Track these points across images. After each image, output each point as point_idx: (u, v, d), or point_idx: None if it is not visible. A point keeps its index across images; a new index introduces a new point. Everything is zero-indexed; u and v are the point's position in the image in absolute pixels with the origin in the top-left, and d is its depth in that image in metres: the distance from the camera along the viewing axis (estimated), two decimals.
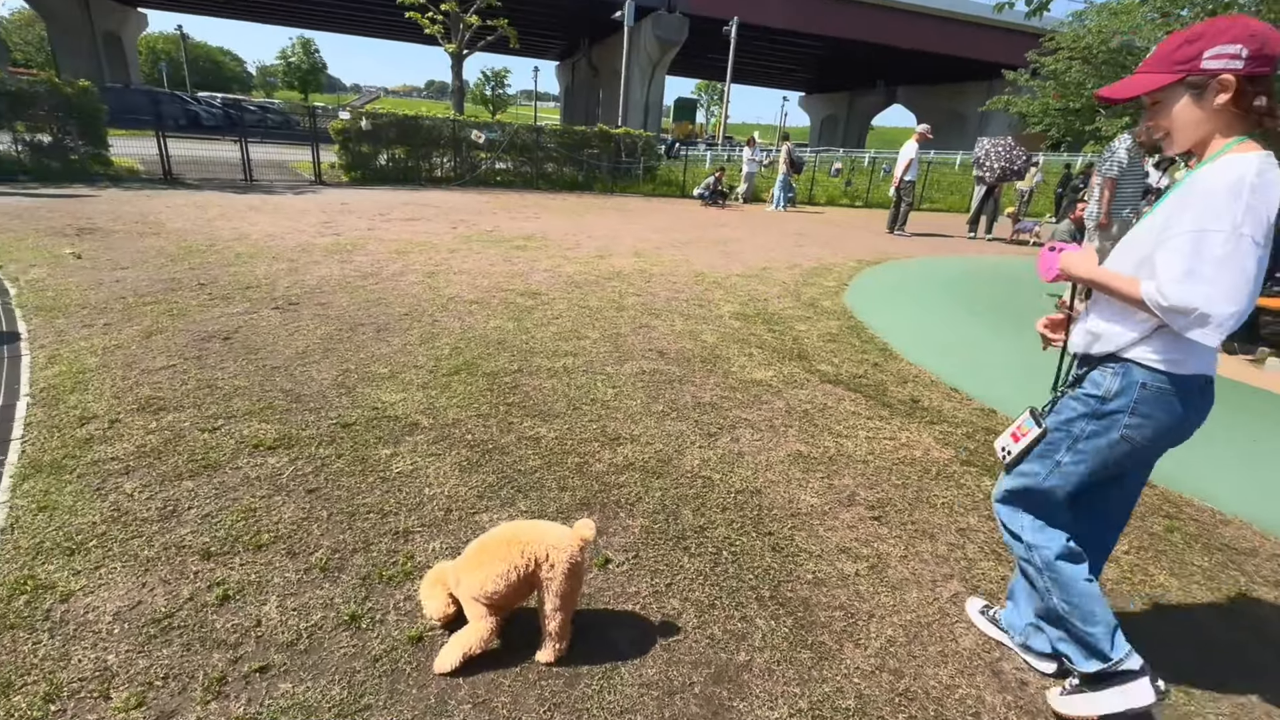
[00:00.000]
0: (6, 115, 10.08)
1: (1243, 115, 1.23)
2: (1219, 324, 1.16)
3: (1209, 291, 1.15)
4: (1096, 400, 1.42)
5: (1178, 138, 1.32)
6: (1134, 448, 1.39)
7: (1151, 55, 1.32)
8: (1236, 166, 1.19)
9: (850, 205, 17.63)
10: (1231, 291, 1.15)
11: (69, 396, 2.95)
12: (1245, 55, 1.19)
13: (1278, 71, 1.21)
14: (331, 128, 13.33)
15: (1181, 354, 1.30)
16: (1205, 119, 1.26)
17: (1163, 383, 1.32)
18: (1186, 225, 1.20)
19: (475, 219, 9.39)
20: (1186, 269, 1.18)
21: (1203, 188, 1.21)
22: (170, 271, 5.20)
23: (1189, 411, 1.34)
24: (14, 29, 57.87)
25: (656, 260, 7.04)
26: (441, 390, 3.26)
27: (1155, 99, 1.33)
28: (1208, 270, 1.16)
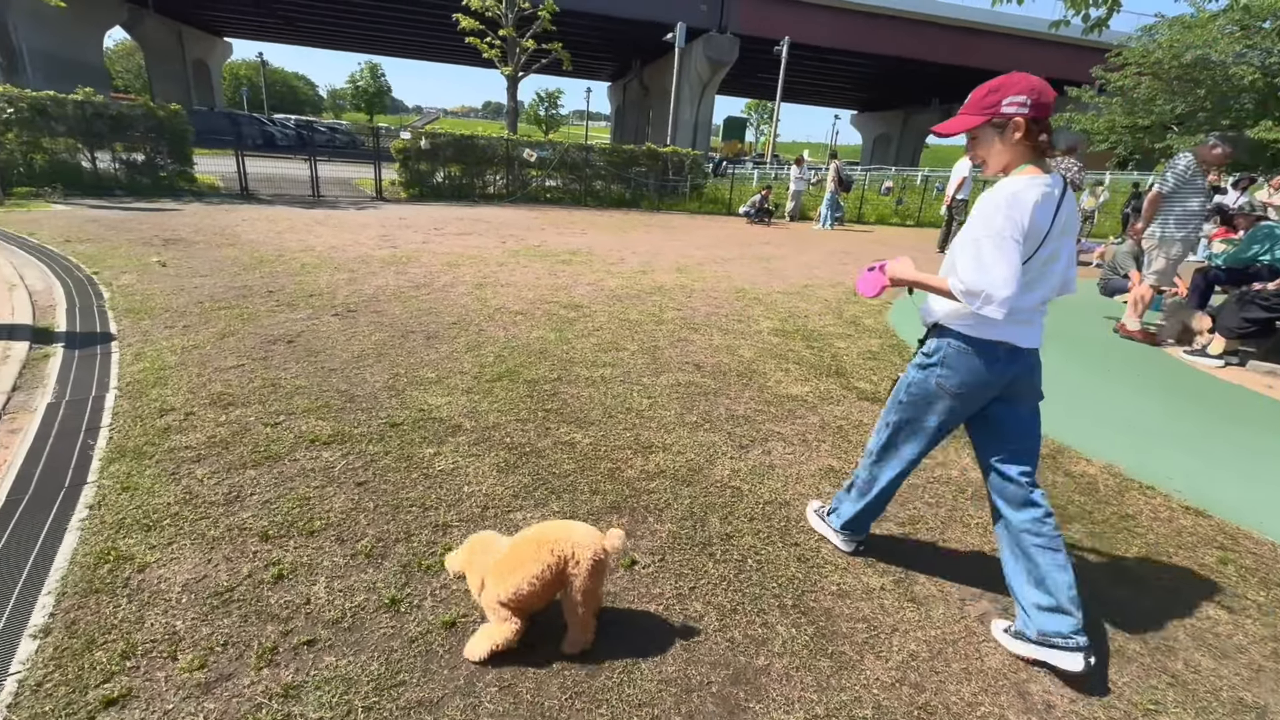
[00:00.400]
0: (108, 136, 11.06)
1: (1031, 147, 1.62)
2: (999, 303, 1.53)
3: (989, 280, 1.53)
4: (925, 357, 1.84)
5: (990, 163, 1.69)
6: (946, 394, 1.79)
7: (967, 101, 1.67)
8: (1006, 187, 1.58)
9: (901, 224, 17.32)
10: (1002, 280, 1.52)
11: (151, 390, 3.23)
12: (1029, 103, 1.57)
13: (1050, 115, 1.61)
14: (393, 147, 14.04)
15: (978, 324, 1.69)
16: (1006, 150, 1.64)
17: (963, 345, 1.73)
18: (971, 233, 1.60)
19: (524, 234, 9.70)
20: (973, 266, 1.56)
21: (982, 204, 1.60)
22: (242, 279, 5.59)
23: (990, 369, 1.72)
24: (117, 58, 63.38)
25: (698, 275, 7.11)
26: (484, 395, 3.40)
27: (973, 135, 1.69)
28: (987, 266, 1.54)
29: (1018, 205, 1.55)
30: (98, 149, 11.08)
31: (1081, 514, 2.60)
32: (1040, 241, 1.60)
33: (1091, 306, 6.85)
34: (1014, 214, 1.54)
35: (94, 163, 10.87)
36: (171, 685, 1.53)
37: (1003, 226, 1.55)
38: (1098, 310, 6.68)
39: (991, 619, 1.94)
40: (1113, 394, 4.15)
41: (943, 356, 1.77)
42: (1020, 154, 1.63)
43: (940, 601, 2.01)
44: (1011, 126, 1.60)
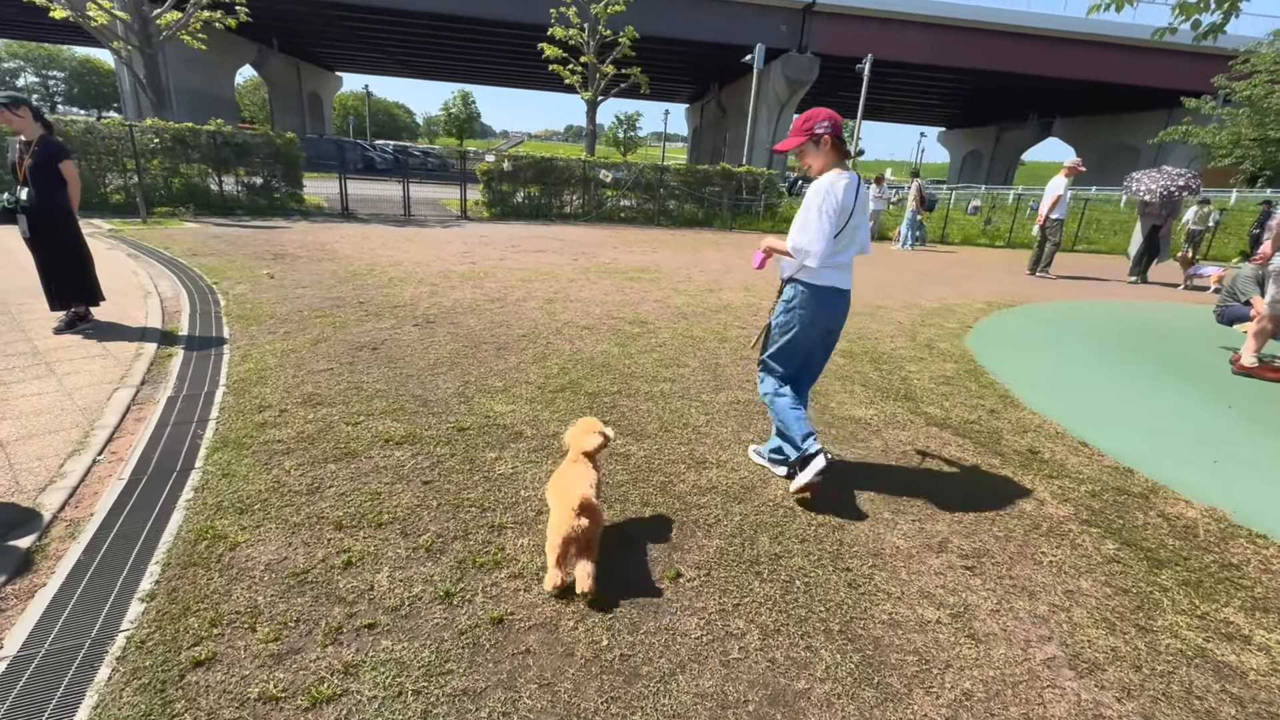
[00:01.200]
0: (233, 162, 12.36)
1: (835, 155, 2.41)
2: (815, 256, 2.34)
3: (808, 239, 2.34)
4: (786, 303, 2.57)
5: (814, 168, 2.46)
6: (803, 325, 2.52)
7: (792, 127, 2.45)
8: (824, 180, 2.37)
9: (989, 245, 16.42)
10: (816, 241, 2.32)
11: (252, 389, 3.57)
12: (830, 125, 2.38)
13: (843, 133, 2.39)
14: (478, 169, 14.84)
15: (814, 275, 2.44)
16: (821, 156, 2.43)
17: (806, 290, 2.49)
18: (802, 210, 2.39)
19: (596, 251, 9.97)
20: (800, 232, 2.38)
21: (810, 192, 2.40)
22: (337, 291, 6.07)
23: (824, 305, 2.49)
24: (245, 93, 70.85)
25: (768, 294, 7.05)
26: (546, 405, 3.53)
27: (801, 150, 2.47)
28: (809, 232, 2.34)
29: (832, 192, 2.34)
30: (224, 173, 12.40)
31: (1175, 559, 2.37)
32: (848, 216, 2.39)
33: (1209, 334, 6.23)
34: (830, 198, 2.34)
35: (220, 185, 12.16)
36: (249, 654, 1.69)
37: (821, 205, 2.34)
38: (1215, 339, 6.06)
39: (1059, 667, 1.81)
40: (1221, 430, 3.75)
41: (799, 299, 2.52)
42: (830, 159, 2.43)
43: (1002, 641, 1.89)
44: (822, 142, 2.41)
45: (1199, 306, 8.06)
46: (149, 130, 11.39)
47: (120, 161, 11.28)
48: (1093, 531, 2.52)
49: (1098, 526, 2.55)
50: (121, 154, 11.22)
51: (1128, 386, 4.49)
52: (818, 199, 2.34)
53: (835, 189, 2.34)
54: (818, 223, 2.32)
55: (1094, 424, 3.62)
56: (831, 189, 2.34)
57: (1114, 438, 3.42)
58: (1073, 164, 9.24)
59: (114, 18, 11.92)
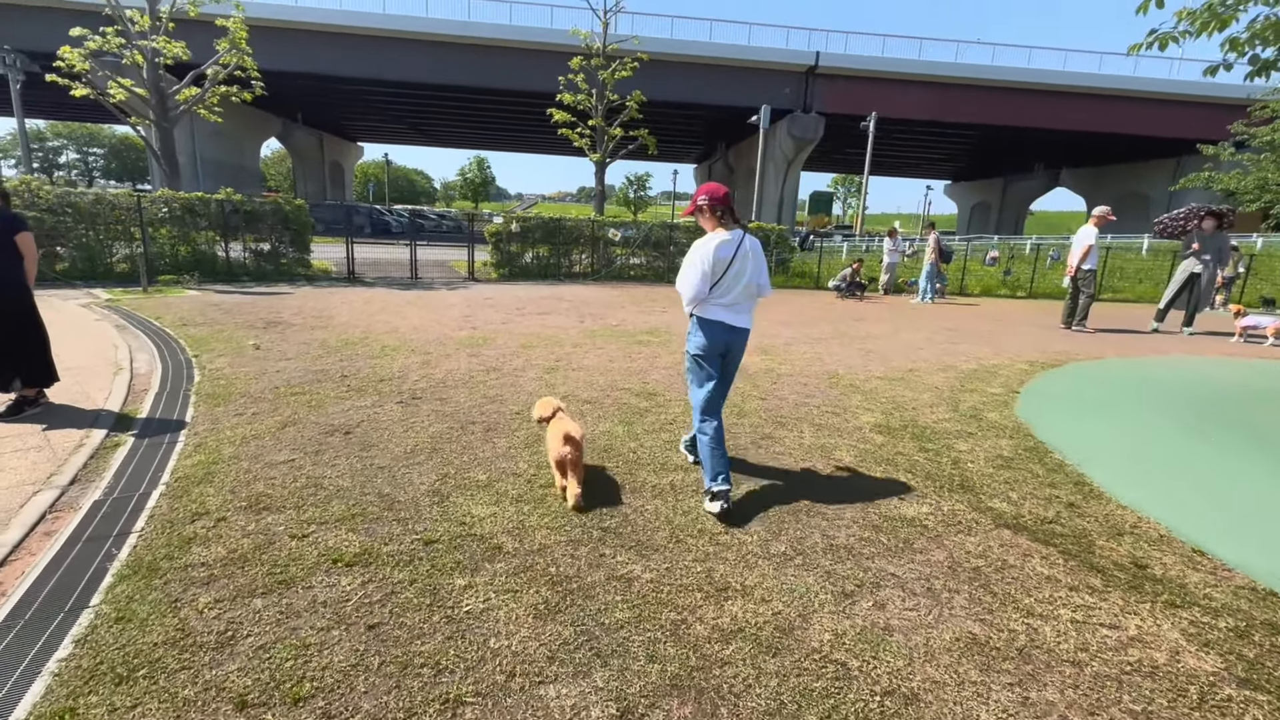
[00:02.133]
0: (242, 229, 12.35)
1: (717, 218, 2.99)
2: (688, 300, 3.01)
3: (683, 286, 3.00)
4: (689, 333, 3.12)
5: (707, 229, 3.04)
6: (700, 350, 3.05)
7: (691, 199, 3.08)
8: (702, 240, 2.97)
9: (1010, 296, 15.91)
10: (689, 287, 2.97)
11: (195, 489, 3.05)
12: (707, 198, 2.96)
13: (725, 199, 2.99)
14: (487, 231, 14.78)
15: (701, 311, 3.02)
16: (708, 221, 3.02)
17: (697, 323, 3.05)
18: (685, 261, 3.00)
19: (604, 312, 9.58)
20: (682, 279, 3.01)
21: (691, 248, 2.98)
22: (323, 363, 5.65)
23: (712, 335, 3.01)
24: (272, 163, 74.10)
25: (785, 358, 6.52)
26: (535, 505, 2.96)
27: (698, 217, 3.06)
28: (686, 279, 2.97)
29: (706, 249, 2.89)
30: (233, 240, 12.38)
31: None
32: (725, 266, 2.89)
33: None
34: (703, 253, 2.89)
35: (227, 253, 12.09)
36: None
37: (695, 262, 2.91)
38: None
39: None
40: None
41: (692, 329, 3.07)
42: (713, 223, 2.99)
43: None
44: (703, 210, 2.98)
45: (1270, 362, 7.39)
46: (159, 200, 11.44)
47: (128, 231, 11.27)
48: (1263, 700, 1.85)
49: (1267, 690, 1.89)
50: (130, 223, 11.23)
51: (1226, 467, 3.81)
52: (693, 255, 2.96)
53: (707, 247, 2.92)
54: (691, 274, 2.96)
55: (1203, 522, 2.97)
56: (704, 247, 2.93)
57: (1236, 543, 2.76)
58: (1102, 213, 8.79)
59: (132, 94, 12.22)
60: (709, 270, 2.87)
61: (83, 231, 10.91)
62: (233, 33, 12.63)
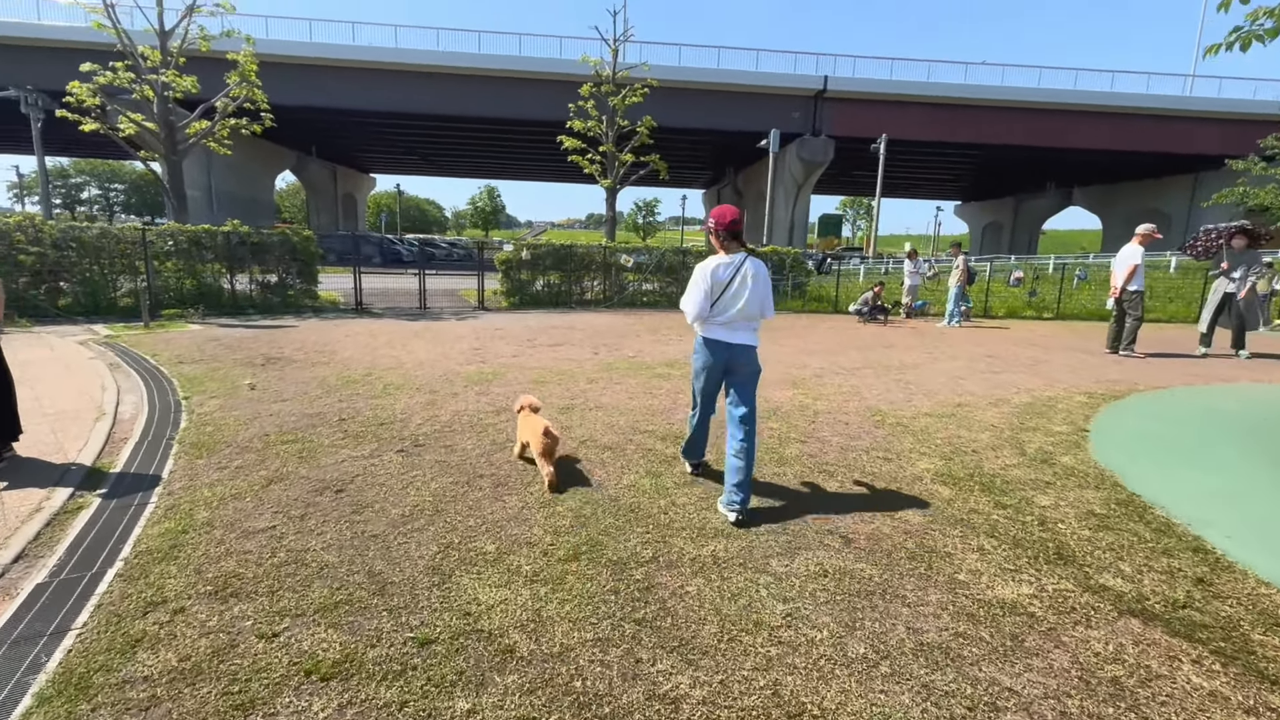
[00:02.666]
0: (249, 261, 12.13)
1: (723, 242, 3.20)
2: (691, 317, 3.21)
3: (686, 305, 3.23)
4: (695, 350, 3.37)
5: (716, 249, 3.27)
6: (703, 367, 3.29)
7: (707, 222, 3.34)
8: (705, 263, 3.18)
9: (1036, 318, 15.35)
10: (691, 306, 3.19)
11: (155, 567, 2.61)
12: (714, 222, 3.20)
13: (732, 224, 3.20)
14: (497, 259, 14.50)
15: (703, 330, 3.23)
16: (716, 243, 3.25)
17: (700, 341, 3.28)
18: (689, 283, 3.20)
19: (619, 342, 9.14)
20: (684, 299, 3.25)
21: (696, 269, 3.20)
22: (321, 404, 5.23)
23: (713, 352, 3.21)
24: (286, 196, 75.44)
25: (819, 392, 6.02)
26: (553, 587, 2.48)
27: (709, 236, 3.33)
28: (689, 298, 3.19)
29: (707, 270, 3.15)
30: (239, 272, 12.15)
31: None
32: (724, 287, 3.13)
33: None
34: (704, 274, 3.15)
35: (232, 285, 11.84)
36: None
37: (697, 282, 3.17)
38: None
39: None
40: None
41: (697, 346, 3.34)
42: (720, 245, 3.24)
43: None
44: (712, 232, 3.26)
45: None
46: (165, 233, 11.25)
47: (133, 265, 11.06)
48: None
49: None
50: (135, 257, 11.02)
51: None
52: (695, 276, 3.18)
53: (708, 268, 3.13)
54: (693, 293, 3.16)
55: None
56: (705, 268, 3.15)
57: None
58: (1146, 230, 8.29)
59: (142, 128, 12.15)
60: (709, 290, 3.13)
61: (87, 266, 10.71)
62: (243, 65, 12.60)
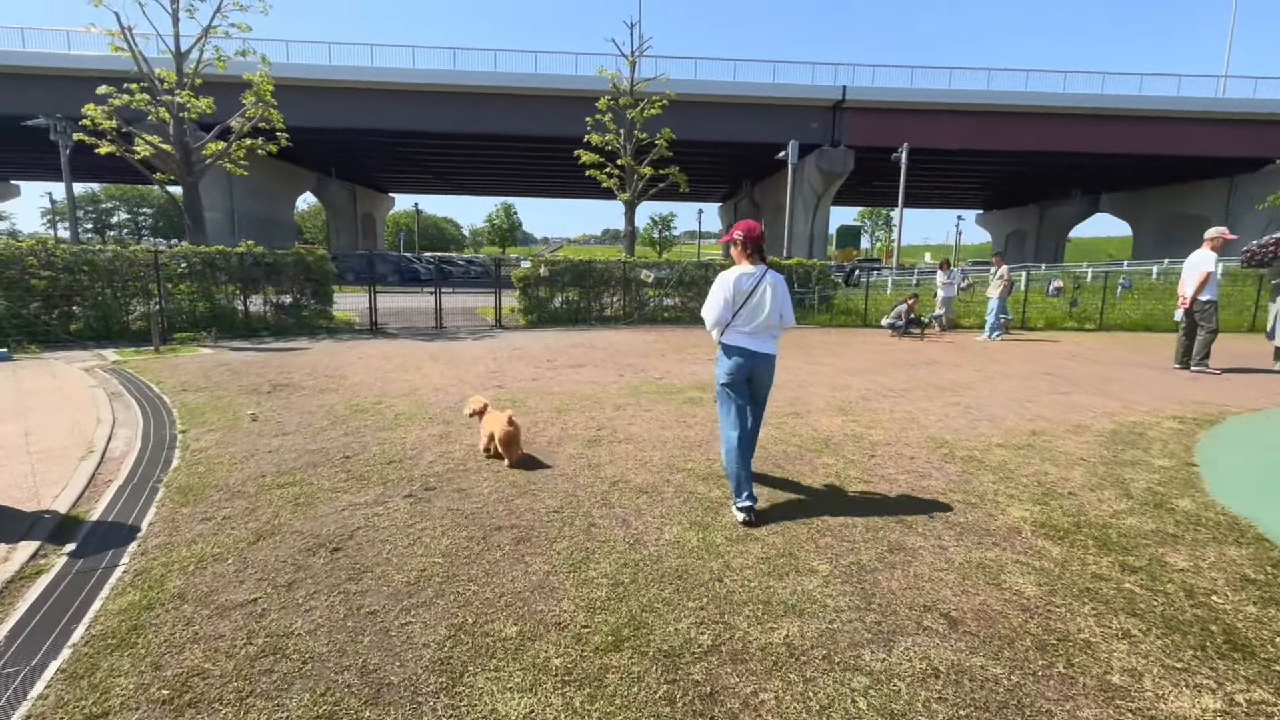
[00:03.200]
0: (263, 282, 11.89)
1: (748, 254, 3.34)
2: (711, 325, 3.36)
3: (706, 314, 3.37)
4: (717, 359, 3.47)
5: (737, 260, 3.38)
6: (726, 375, 3.35)
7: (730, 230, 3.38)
8: (727, 273, 3.34)
9: (1078, 329, 14.58)
10: (711, 315, 3.33)
11: (107, 660, 2.14)
12: (742, 234, 3.34)
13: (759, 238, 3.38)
14: (514, 276, 14.14)
15: (725, 338, 3.34)
16: (738, 255, 3.38)
17: (722, 348, 3.37)
18: (710, 293, 3.34)
19: (644, 362, 8.64)
20: (705, 309, 3.38)
21: (717, 279, 3.35)
22: (326, 438, 4.79)
23: (731, 359, 3.32)
24: (309, 216, 76.70)
25: (871, 419, 5.44)
26: (592, 691, 1.96)
27: (731, 248, 3.43)
28: (711, 306, 3.32)
29: (728, 280, 3.30)
30: (253, 294, 11.91)
31: None
32: (745, 297, 3.26)
33: None
34: (724, 284, 3.30)
35: (246, 307, 11.59)
36: None
37: (718, 291, 3.31)
38: None
39: None
40: None
41: (720, 355, 3.42)
42: (742, 257, 3.38)
43: None
44: (736, 243, 3.38)
45: None
46: (178, 255, 11.05)
47: (146, 288, 10.86)
48: None
49: None
50: (148, 280, 10.82)
51: None
52: (715, 286, 3.36)
53: (728, 280, 3.32)
54: (713, 302, 3.33)
55: None
56: (727, 278, 3.33)
57: None
58: (1217, 234, 7.62)
59: (158, 150, 12.04)
60: (730, 299, 3.27)
61: (99, 290, 10.51)
62: (258, 85, 12.48)
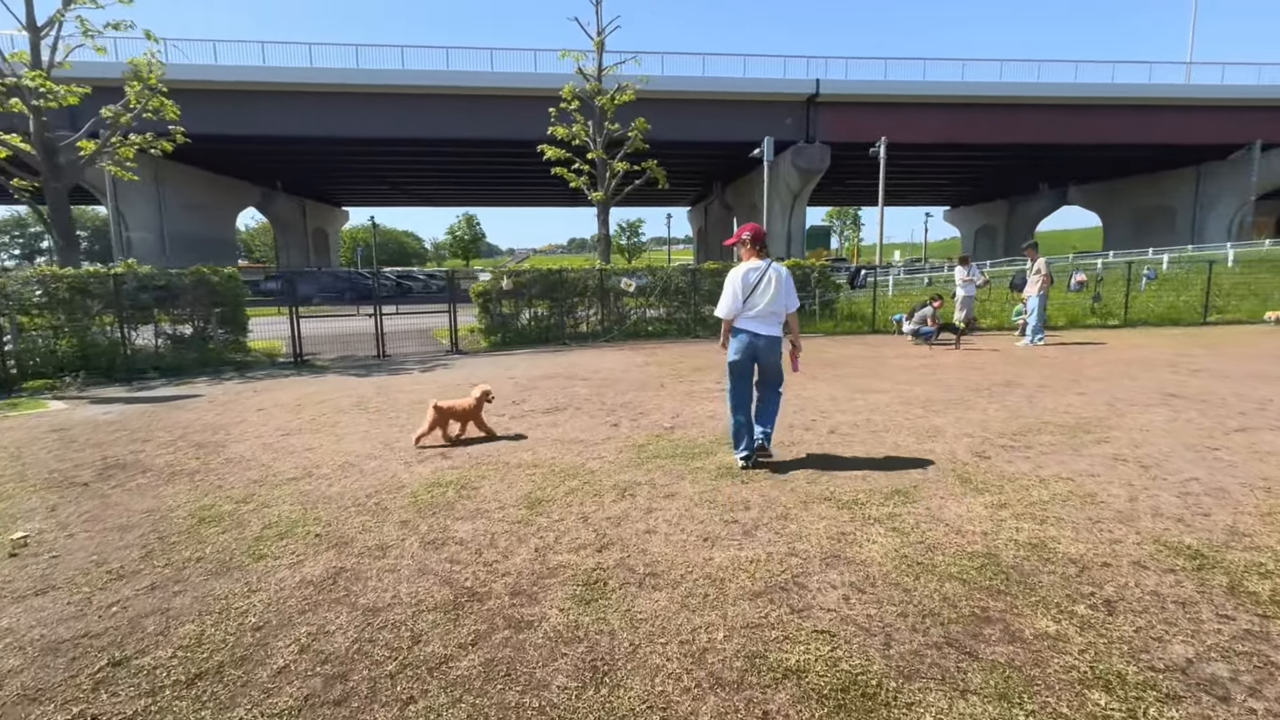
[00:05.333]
0: (154, 309, 9.51)
1: (755, 250, 4.17)
2: (724, 313, 4.13)
3: (723, 309, 4.15)
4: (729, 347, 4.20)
5: (745, 258, 4.18)
6: (735, 353, 4.11)
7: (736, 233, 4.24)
8: (737, 268, 4.16)
9: (1101, 326, 13.18)
10: (726, 308, 4.12)
11: None
12: (749, 234, 4.21)
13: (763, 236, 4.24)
14: (472, 291, 12.02)
15: (737, 323, 4.09)
16: (745, 253, 4.19)
17: (734, 332, 4.13)
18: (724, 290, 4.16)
19: (640, 399, 6.64)
20: (720, 305, 4.17)
21: (729, 275, 4.16)
22: (111, 600, 2.66)
23: (743, 341, 4.06)
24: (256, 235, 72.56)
25: (1022, 499, 3.52)
26: None
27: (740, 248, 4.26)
28: (724, 301, 4.13)
29: (738, 274, 4.04)
30: (142, 324, 9.53)
31: None
32: (751, 288, 3.99)
33: None
34: (735, 278, 4.03)
35: (124, 342, 9.16)
36: None
37: (730, 285, 4.04)
38: None
39: None
40: None
41: (733, 337, 4.12)
42: (750, 254, 4.13)
43: None
44: (744, 242, 4.16)
45: None
46: (32, 280, 8.63)
47: None
48: None
49: None
50: None
51: None
52: (727, 282, 4.08)
53: (739, 272, 4.04)
54: (727, 296, 4.06)
55: None
56: (737, 272, 4.05)
57: None
58: None
59: (15, 150, 9.58)
60: (739, 290, 4.00)
61: None
62: (141, 70, 10.14)
